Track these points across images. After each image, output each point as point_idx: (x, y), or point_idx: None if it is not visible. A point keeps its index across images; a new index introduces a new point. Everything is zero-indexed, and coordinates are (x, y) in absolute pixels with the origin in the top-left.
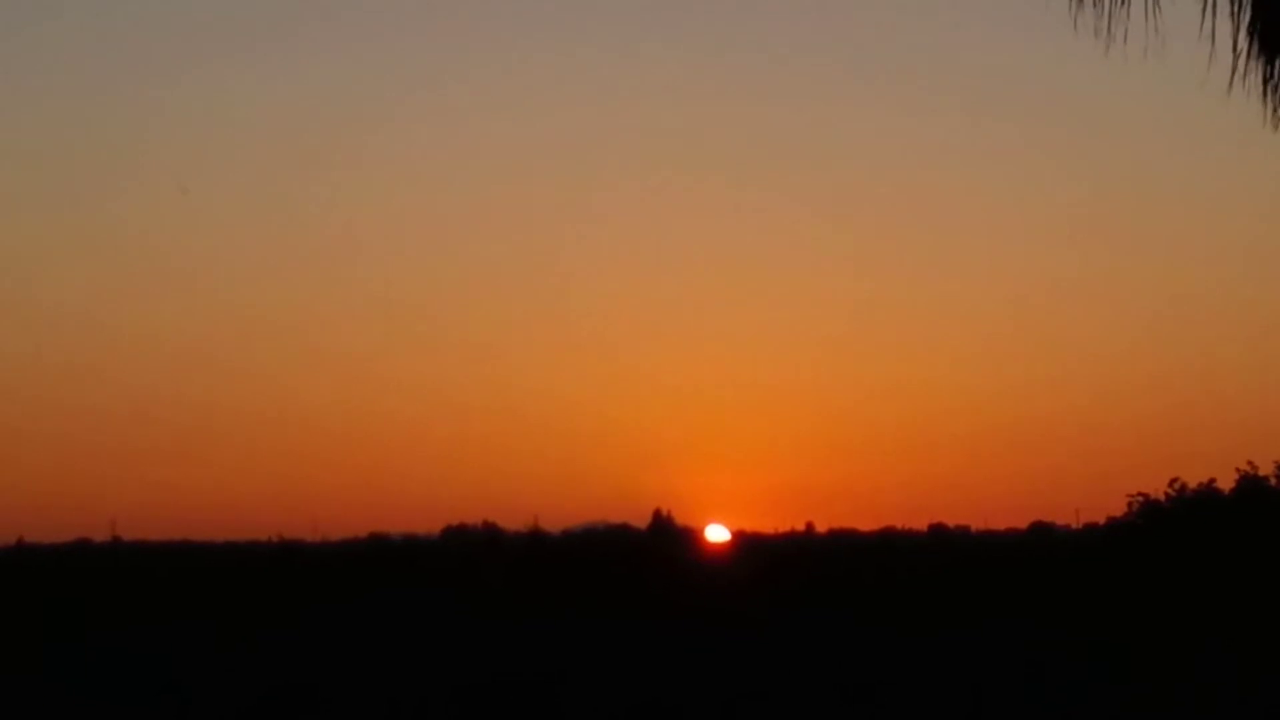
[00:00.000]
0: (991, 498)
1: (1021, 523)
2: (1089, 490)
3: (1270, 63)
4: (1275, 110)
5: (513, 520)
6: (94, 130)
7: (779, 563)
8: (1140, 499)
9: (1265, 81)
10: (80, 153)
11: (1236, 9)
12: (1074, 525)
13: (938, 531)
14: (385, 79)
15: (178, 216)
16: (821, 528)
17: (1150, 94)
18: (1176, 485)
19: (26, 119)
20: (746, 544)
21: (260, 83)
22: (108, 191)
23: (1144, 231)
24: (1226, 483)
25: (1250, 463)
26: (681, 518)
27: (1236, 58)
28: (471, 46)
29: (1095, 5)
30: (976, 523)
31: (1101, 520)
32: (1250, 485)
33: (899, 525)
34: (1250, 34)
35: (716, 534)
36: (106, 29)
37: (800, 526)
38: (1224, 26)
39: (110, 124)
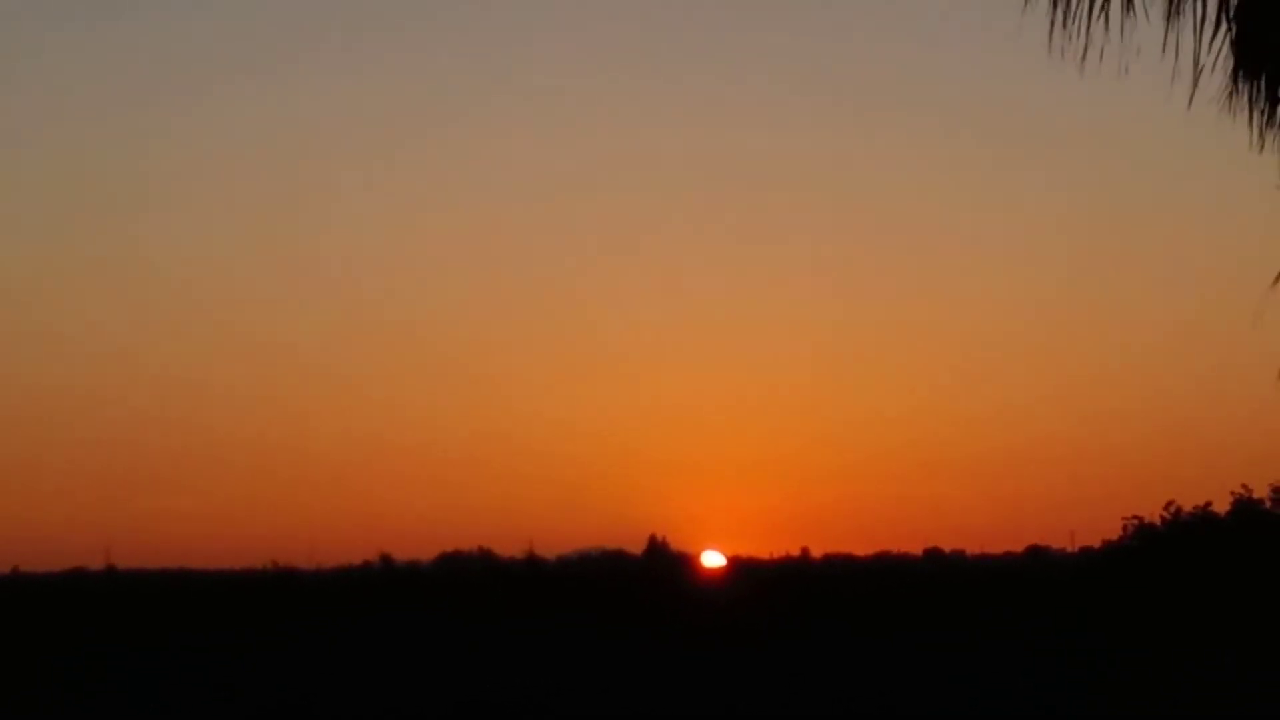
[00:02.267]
0: (987, 521)
1: (1018, 546)
2: (1085, 514)
3: (1255, 85)
4: (1262, 132)
5: (508, 546)
6: (91, 156)
7: (774, 587)
8: (1136, 522)
9: (1251, 104)
10: (77, 179)
11: (1199, 24)
12: (1070, 549)
13: (933, 555)
14: (392, 102)
15: (177, 243)
16: (817, 552)
17: (1136, 111)
18: (1172, 508)
19: (29, 142)
20: (742, 569)
21: (266, 106)
22: (108, 219)
23: (1138, 254)
24: (1221, 506)
25: (1245, 486)
26: (676, 543)
27: (1198, 73)
28: (479, 71)
29: (1071, 24)
30: (972, 546)
31: (1097, 544)
32: (1245, 508)
33: (895, 549)
34: (1236, 56)
35: (712, 559)
36: (117, 51)
37: (795, 551)
38: (1187, 41)
39: (110, 149)
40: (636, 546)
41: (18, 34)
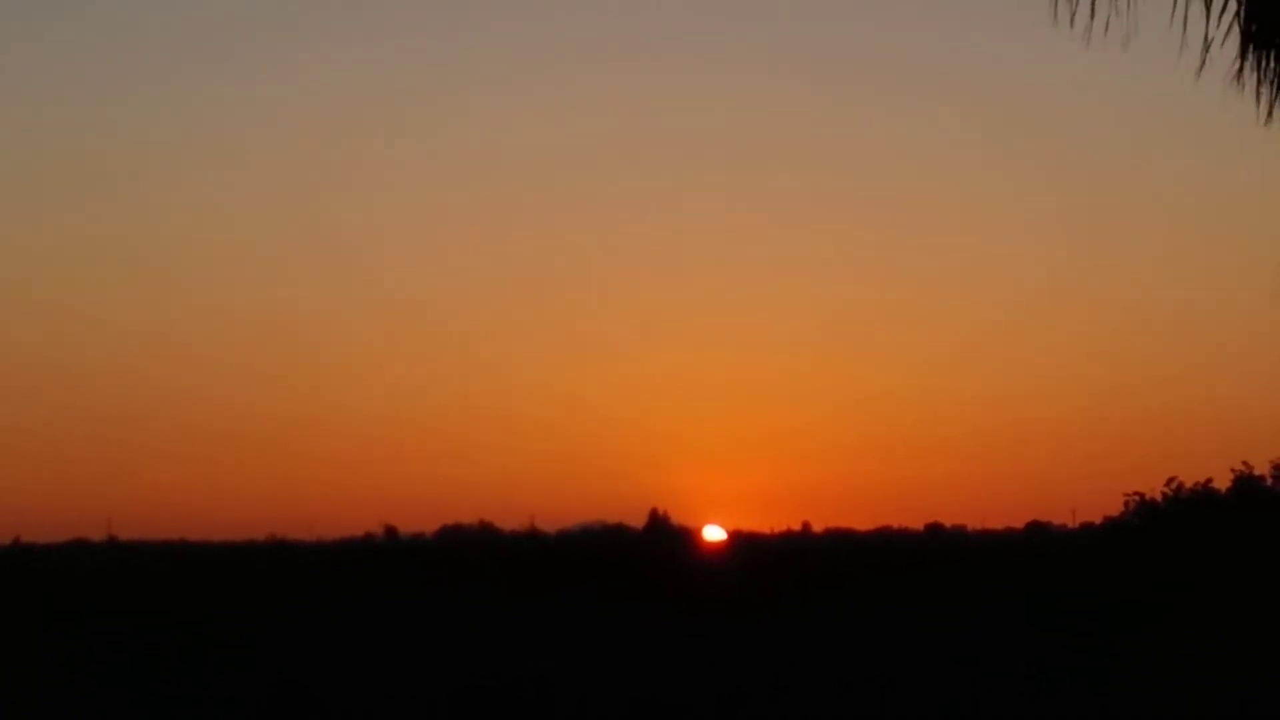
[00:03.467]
0: (988, 497)
1: (1018, 522)
2: (1086, 490)
3: (1266, 57)
4: (1271, 106)
5: (509, 520)
6: (95, 133)
7: (775, 562)
8: (1137, 498)
9: (1260, 76)
10: (78, 155)
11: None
12: (1071, 525)
13: (935, 531)
14: (394, 83)
15: (177, 219)
16: (818, 527)
17: (1139, 87)
18: (1173, 485)
19: (31, 121)
20: (743, 544)
21: (270, 86)
22: (107, 194)
23: (1140, 231)
24: (1222, 482)
25: (1245, 463)
26: (678, 517)
27: (1207, 46)
28: (480, 53)
29: None
30: (973, 522)
31: (1098, 520)
32: (1245, 485)
33: (896, 525)
34: (1245, 29)
35: (713, 534)
36: (119, 35)
37: (796, 526)
38: (1196, 12)
39: (113, 127)
40: (638, 520)
41: (26, 16)
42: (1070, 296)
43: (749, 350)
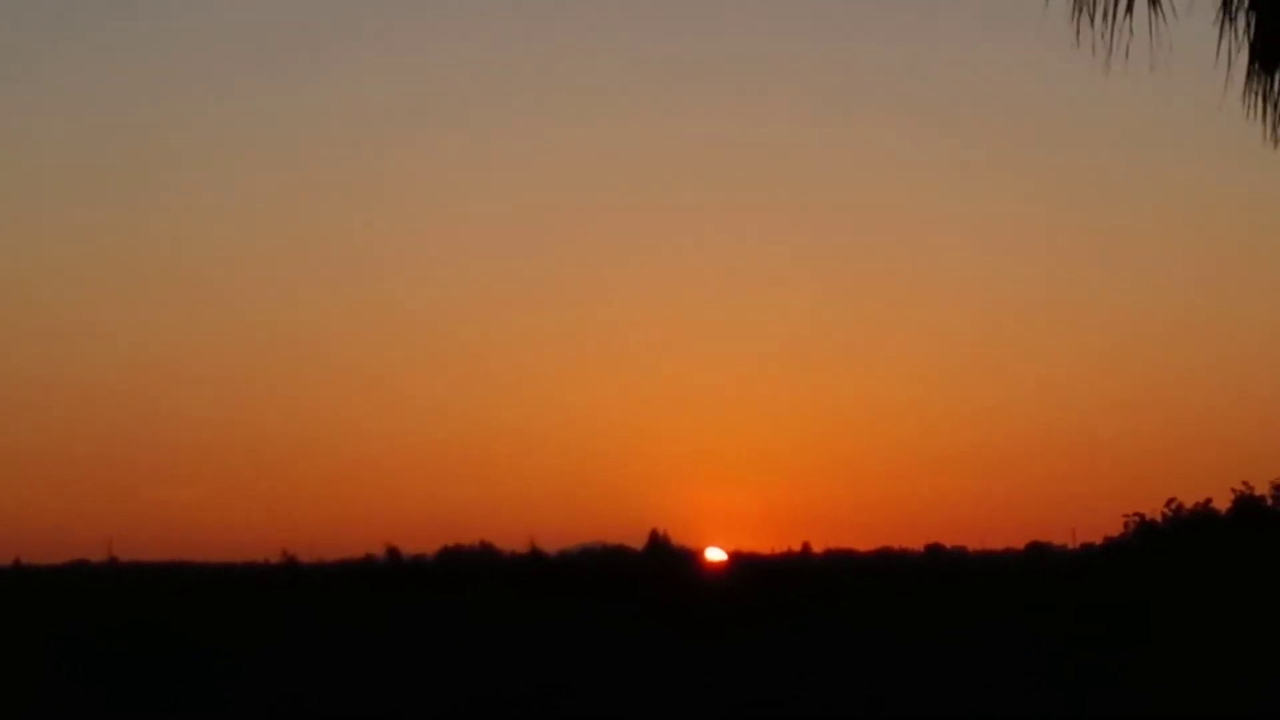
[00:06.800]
0: (988, 518)
1: (1019, 543)
2: (1086, 510)
3: (1270, 82)
4: (1276, 128)
5: (510, 540)
6: (101, 147)
7: (775, 583)
8: (1137, 519)
9: (1264, 98)
10: (83, 170)
11: (1223, 20)
12: (1071, 545)
13: (935, 551)
14: (403, 94)
15: (180, 233)
16: (818, 548)
17: (1149, 107)
18: (1173, 505)
19: (35, 132)
20: (743, 564)
21: (278, 97)
22: (112, 210)
23: (1142, 248)
24: (1222, 503)
25: (1246, 483)
26: (678, 538)
27: (1229, 69)
28: (493, 66)
29: (1097, 18)
30: (973, 543)
31: (1099, 540)
32: (1246, 505)
33: (896, 545)
34: (1250, 50)
35: (713, 554)
36: (131, 44)
37: (797, 546)
38: (1207, 34)
39: (118, 140)
40: (638, 541)
41: (34, 26)
42: (1071, 315)
43: (749, 369)
